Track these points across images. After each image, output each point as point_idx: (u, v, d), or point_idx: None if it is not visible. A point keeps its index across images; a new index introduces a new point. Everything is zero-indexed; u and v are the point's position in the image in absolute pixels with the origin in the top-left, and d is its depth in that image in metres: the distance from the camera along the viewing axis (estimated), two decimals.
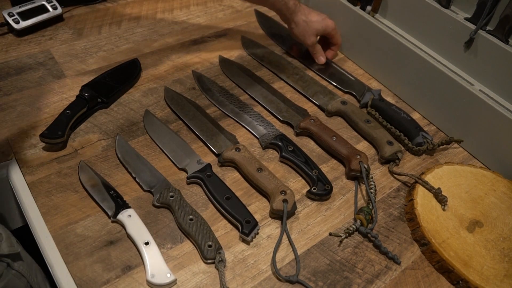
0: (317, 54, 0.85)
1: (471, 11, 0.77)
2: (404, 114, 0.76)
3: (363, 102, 0.79)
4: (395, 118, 0.75)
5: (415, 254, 0.59)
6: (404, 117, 0.75)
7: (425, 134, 0.73)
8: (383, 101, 0.78)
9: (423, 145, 0.72)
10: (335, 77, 0.85)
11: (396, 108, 0.77)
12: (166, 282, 0.51)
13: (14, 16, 0.81)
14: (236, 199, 0.60)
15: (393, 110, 0.76)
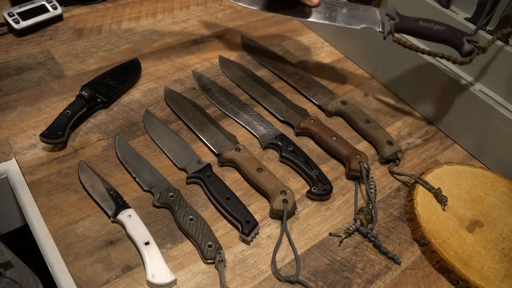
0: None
1: (471, 11, 0.77)
2: (436, 25, 0.65)
3: (386, 31, 0.68)
4: (429, 35, 0.66)
5: (415, 254, 0.59)
6: (438, 29, 0.65)
7: (469, 37, 0.64)
8: (407, 18, 0.67)
9: (473, 53, 0.63)
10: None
11: (424, 22, 0.67)
12: (166, 282, 0.51)
13: (14, 16, 0.81)
14: (236, 199, 0.60)
15: (424, 27, 0.66)
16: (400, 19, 0.67)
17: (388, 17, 0.68)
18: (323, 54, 0.92)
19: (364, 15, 0.70)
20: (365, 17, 0.70)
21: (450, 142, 0.77)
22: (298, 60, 0.89)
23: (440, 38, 0.65)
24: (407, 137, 0.77)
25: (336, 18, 0.70)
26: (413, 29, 0.67)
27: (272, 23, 0.99)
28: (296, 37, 0.96)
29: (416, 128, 0.79)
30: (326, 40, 0.96)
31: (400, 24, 0.67)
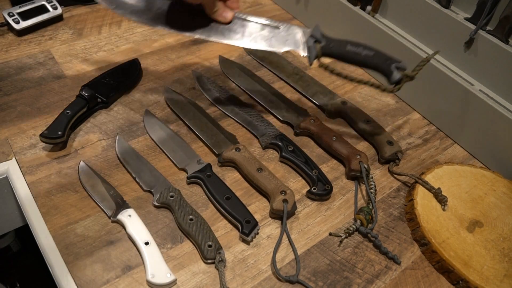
0: (220, 9, 0.60)
1: (471, 11, 0.77)
2: (365, 49, 0.61)
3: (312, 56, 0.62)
4: (357, 60, 0.62)
5: (415, 254, 0.59)
6: (367, 55, 0.61)
7: (398, 64, 0.61)
8: (332, 42, 0.61)
9: (401, 81, 0.61)
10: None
11: (352, 46, 0.62)
12: (166, 282, 0.51)
13: (14, 16, 0.81)
14: (236, 199, 0.60)
15: (352, 52, 0.61)
16: (327, 42, 0.62)
17: (313, 38, 0.62)
18: None
19: (286, 36, 0.63)
20: (287, 38, 0.63)
21: (450, 142, 0.77)
22: (298, 60, 0.89)
23: (368, 64, 0.61)
24: (407, 137, 0.77)
25: (255, 39, 0.62)
26: (340, 54, 0.62)
27: None
28: None
29: (416, 128, 0.79)
30: None
31: (326, 48, 0.62)
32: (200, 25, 0.61)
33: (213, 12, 0.59)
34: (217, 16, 0.60)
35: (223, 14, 0.60)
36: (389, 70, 0.61)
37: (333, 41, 0.62)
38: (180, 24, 0.61)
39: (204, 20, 0.61)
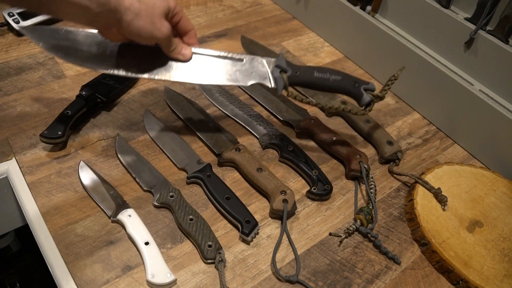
0: (178, 47, 0.57)
1: (471, 11, 0.77)
2: (332, 74, 0.60)
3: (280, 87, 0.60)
4: (326, 86, 0.61)
5: (415, 254, 0.59)
6: (335, 79, 0.60)
7: (366, 86, 0.61)
8: (299, 70, 0.60)
9: (371, 103, 0.61)
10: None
11: (319, 73, 0.60)
12: (166, 282, 0.51)
13: (14, 16, 0.81)
14: (236, 199, 0.60)
15: (320, 79, 0.60)
16: (293, 71, 0.60)
17: (279, 68, 0.60)
18: (323, 54, 0.92)
19: (250, 69, 0.60)
20: (252, 70, 0.60)
21: (450, 142, 0.77)
22: (298, 60, 0.89)
23: (338, 89, 0.61)
24: (407, 137, 0.77)
25: (218, 75, 0.59)
26: (308, 81, 0.60)
27: (272, 23, 0.99)
28: (296, 37, 0.96)
29: (416, 128, 0.79)
30: (326, 40, 0.96)
31: (293, 77, 0.60)
32: (158, 65, 0.57)
33: (171, 50, 0.56)
34: (176, 55, 0.57)
35: (182, 52, 0.57)
36: (359, 93, 0.61)
37: (299, 69, 0.60)
38: (137, 67, 0.57)
39: (163, 60, 0.58)
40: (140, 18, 0.49)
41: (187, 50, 0.58)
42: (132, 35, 0.51)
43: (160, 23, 0.51)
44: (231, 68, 0.60)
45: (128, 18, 0.49)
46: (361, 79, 0.62)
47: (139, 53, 0.57)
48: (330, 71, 0.60)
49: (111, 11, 0.47)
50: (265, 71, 0.60)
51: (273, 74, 0.60)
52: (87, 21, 0.48)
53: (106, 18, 0.48)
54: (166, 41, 0.54)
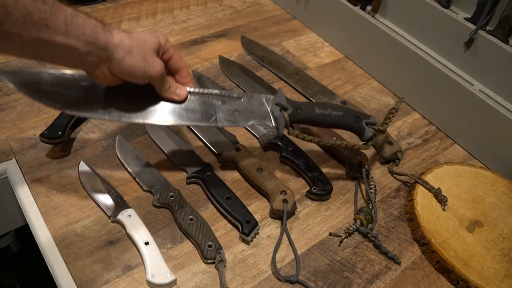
0: (172, 86, 0.53)
1: (471, 11, 0.77)
2: (334, 110, 0.58)
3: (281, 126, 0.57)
4: (328, 122, 0.59)
5: (415, 254, 0.59)
6: (336, 115, 0.59)
7: (368, 120, 0.60)
8: (299, 107, 0.57)
9: (374, 137, 0.60)
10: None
11: (320, 109, 0.58)
12: (166, 282, 0.51)
13: None
14: (236, 199, 0.60)
15: (321, 115, 0.58)
16: (294, 108, 0.57)
17: (279, 106, 0.56)
18: (323, 54, 0.92)
19: (250, 108, 0.57)
20: (251, 109, 0.57)
21: (450, 142, 0.77)
22: (298, 60, 0.89)
23: (340, 125, 0.59)
24: (407, 137, 0.77)
25: (216, 117, 0.55)
26: (310, 118, 0.58)
27: (272, 23, 0.99)
28: (296, 37, 0.96)
29: (416, 128, 0.79)
30: (326, 40, 0.96)
31: (295, 114, 0.57)
32: (152, 108, 0.53)
33: (165, 90, 0.52)
34: (170, 94, 0.53)
35: (177, 92, 0.54)
36: (361, 128, 0.60)
37: (299, 105, 0.57)
38: (130, 110, 0.53)
39: (156, 102, 0.53)
40: (132, 55, 0.46)
41: (182, 90, 0.54)
42: (125, 74, 0.47)
43: (152, 60, 0.48)
44: (229, 107, 0.56)
45: (119, 56, 0.45)
46: (362, 113, 0.61)
47: (130, 95, 0.52)
48: (331, 106, 0.58)
49: (100, 50, 0.44)
50: (264, 109, 0.57)
51: (273, 113, 0.57)
52: (75, 62, 0.45)
53: (95, 57, 0.44)
54: (159, 79, 0.50)
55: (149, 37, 0.49)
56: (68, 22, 0.42)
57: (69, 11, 0.42)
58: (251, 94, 0.58)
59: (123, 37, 0.46)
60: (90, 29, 0.43)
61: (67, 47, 0.42)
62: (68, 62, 0.45)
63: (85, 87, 0.51)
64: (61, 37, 0.41)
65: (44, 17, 0.40)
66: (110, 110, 0.52)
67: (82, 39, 0.43)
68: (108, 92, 0.52)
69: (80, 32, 0.42)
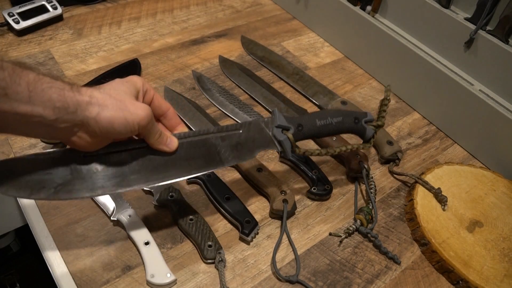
0: (163, 136, 0.47)
1: (471, 11, 0.77)
2: (333, 117, 0.57)
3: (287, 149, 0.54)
4: (330, 131, 0.58)
5: (415, 254, 0.59)
6: (337, 122, 0.58)
7: (366, 118, 0.60)
8: (300, 123, 0.55)
9: (375, 134, 0.60)
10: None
11: (320, 119, 0.56)
12: (166, 282, 0.51)
13: (14, 16, 0.81)
14: (236, 199, 0.60)
15: (323, 126, 0.56)
16: (295, 126, 0.54)
17: (280, 128, 0.54)
18: (323, 54, 0.92)
19: (251, 137, 0.53)
20: (253, 139, 0.53)
21: (450, 142, 0.77)
22: (298, 60, 0.89)
23: (341, 130, 0.58)
24: (407, 137, 0.77)
25: (220, 157, 0.51)
26: (312, 133, 0.56)
27: (272, 23, 0.99)
28: (296, 37, 0.96)
29: (416, 128, 0.79)
30: (326, 40, 0.96)
31: (298, 133, 0.55)
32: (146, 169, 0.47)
33: (156, 139, 0.46)
34: (160, 145, 0.47)
35: (167, 142, 0.48)
36: (362, 129, 0.59)
37: (300, 121, 0.55)
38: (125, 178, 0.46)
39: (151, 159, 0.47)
40: (107, 108, 0.40)
41: (173, 141, 0.48)
42: (106, 132, 0.41)
43: (133, 106, 0.42)
44: (230, 143, 0.52)
45: (93, 114, 0.40)
46: (358, 112, 0.60)
47: (120, 161, 0.46)
48: (329, 113, 0.57)
49: (71, 114, 0.38)
50: (266, 135, 0.53)
51: (277, 137, 0.53)
52: (46, 131, 0.39)
53: (67, 123, 0.39)
54: (149, 125, 0.44)
55: (122, 84, 0.44)
56: (31, 88, 0.36)
57: (32, 76, 0.37)
58: (248, 122, 0.53)
59: (93, 92, 0.41)
60: (56, 92, 0.38)
61: (32, 116, 0.36)
62: (36, 132, 0.40)
63: (67, 166, 0.44)
64: (24, 106, 0.36)
65: (2, 86, 0.34)
66: (103, 185, 0.45)
67: (49, 105, 0.37)
68: (96, 164, 0.45)
69: (46, 98, 0.37)
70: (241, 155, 0.52)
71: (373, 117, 0.60)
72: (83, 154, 0.45)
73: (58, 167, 0.44)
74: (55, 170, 0.44)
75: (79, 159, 0.45)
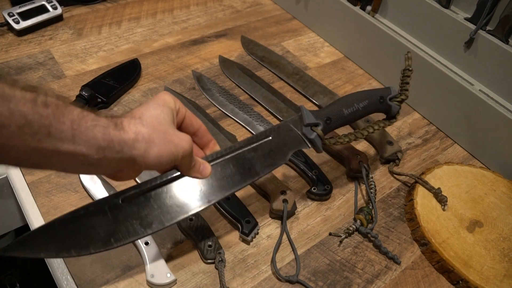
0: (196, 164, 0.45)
1: (471, 11, 0.77)
2: (358, 103, 0.57)
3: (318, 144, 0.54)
4: (358, 116, 0.58)
5: (415, 254, 0.59)
6: (364, 107, 0.58)
7: (391, 95, 0.60)
8: (327, 116, 0.55)
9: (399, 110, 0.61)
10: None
11: (347, 108, 0.56)
12: (166, 282, 0.51)
13: (14, 16, 0.81)
14: (236, 199, 0.60)
15: (350, 114, 0.56)
16: (323, 121, 0.54)
17: (309, 126, 0.53)
18: (323, 54, 0.92)
19: (282, 141, 0.52)
20: (284, 142, 0.52)
21: (450, 142, 0.77)
22: (298, 60, 0.89)
23: (369, 112, 0.58)
24: (407, 137, 0.77)
25: (255, 169, 0.49)
26: (341, 123, 0.56)
27: (272, 23, 0.99)
28: (296, 37, 0.96)
29: (416, 128, 0.79)
30: (326, 40, 0.96)
31: (327, 127, 0.55)
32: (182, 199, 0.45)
33: (191, 167, 0.44)
34: (195, 173, 0.45)
35: (201, 169, 0.45)
36: (387, 107, 0.59)
37: (327, 114, 0.54)
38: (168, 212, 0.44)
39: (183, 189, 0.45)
40: (154, 144, 0.39)
41: (206, 167, 0.46)
42: (152, 166, 0.40)
43: (177, 138, 0.41)
44: (263, 153, 0.50)
45: (141, 151, 0.38)
46: (381, 89, 0.60)
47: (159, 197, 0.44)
48: (354, 99, 0.56)
49: (116, 153, 0.37)
50: (295, 135, 0.53)
51: (308, 136, 0.53)
52: (90, 169, 0.38)
53: (113, 161, 0.37)
54: (189, 156, 0.43)
55: (160, 109, 0.42)
56: (75, 126, 0.34)
57: (76, 113, 0.34)
58: (277, 126, 0.53)
59: (137, 127, 0.39)
60: (101, 131, 0.36)
61: (76, 155, 0.35)
62: (80, 169, 0.39)
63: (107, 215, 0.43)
64: (67, 145, 0.34)
65: (46, 124, 0.32)
66: (148, 224, 0.43)
67: (93, 145, 0.35)
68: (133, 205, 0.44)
69: (90, 137, 0.35)
70: (275, 161, 0.51)
71: (396, 92, 0.60)
72: (121, 199, 0.43)
73: (98, 220, 0.42)
74: (96, 224, 0.42)
75: (117, 206, 0.43)
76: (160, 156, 0.39)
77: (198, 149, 0.49)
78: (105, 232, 0.42)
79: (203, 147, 0.49)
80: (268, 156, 0.50)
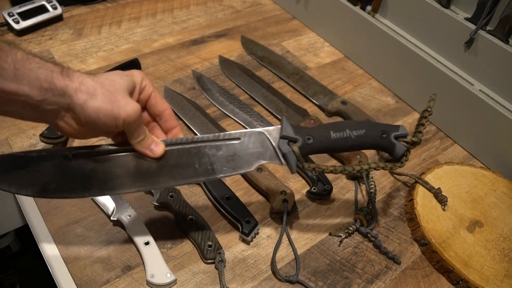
0: (147, 139, 0.45)
1: (471, 11, 0.77)
2: (352, 130, 0.48)
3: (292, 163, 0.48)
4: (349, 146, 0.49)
5: (415, 254, 0.59)
6: (358, 135, 0.48)
7: (397, 133, 0.49)
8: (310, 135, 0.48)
9: (407, 152, 0.49)
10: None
11: (336, 132, 0.48)
12: (166, 282, 0.51)
13: (14, 16, 0.81)
14: (236, 199, 0.60)
15: (339, 139, 0.48)
16: (303, 138, 0.47)
17: (285, 139, 0.47)
18: (323, 54, 0.92)
19: (251, 148, 0.47)
20: (254, 149, 0.47)
21: (450, 142, 0.77)
22: (298, 60, 0.89)
23: (363, 145, 0.49)
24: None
25: (214, 167, 0.47)
26: (325, 147, 0.48)
27: (272, 23, 0.99)
28: (296, 37, 0.96)
29: None
30: (326, 40, 0.96)
31: (306, 146, 0.47)
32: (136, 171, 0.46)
33: (138, 141, 0.44)
34: (142, 148, 0.45)
35: (152, 146, 0.45)
36: (390, 145, 0.49)
37: (310, 133, 0.47)
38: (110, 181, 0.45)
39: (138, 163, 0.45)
40: (96, 98, 0.39)
41: (159, 146, 0.45)
42: (91, 121, 0.40)
43: (123, 101, 0.41)
44: (227, 153, 0.47)
45: (81, 101, 0.39)
46: (389, 125, 0.50)
47: (107, 164, 0.45)
48: (349, 125, 0.48)
49: (58, 96, 0.38)
50: (269, 146, 0.48)
51: (281, 150, 0.47)
52: (31, 113, 0.39)
53: (54, 105, 0.38)
54: (133, 124, 0.42)
55: (120, 76, 0.43)
56: (18, 66, 0.36)
57: (20, 55, 0.36)
58: (250, 131, 0.48)
59: (85, 79, 0.40)
60: (44, 73, 0.37)
61: (18, 95, 0.36)
62: (23, 113, 0.39)
63: (56, 164, 0.44)
64: (9, 84, 0.35)
65: None
66: (89, 186, 0.45)
67: (35, 85, 0.37)
68: (81, 164, 0.45)
69: (32, 77, 0.36)
70: (238, 166, 0.47)
71: (407, 132, 0.49)
72: (72, 154, 0.44)
73: (46, 166, 0.44)
74: (43, 169, 0.44)
75: (67, 159, 0.44)
76: (99, 112, 0.40)
77: (161, 133, 0.49)
78: (47, 180, 0.44)
79: (167, 132, 0.49)
80: (231, 159, 0.47)
